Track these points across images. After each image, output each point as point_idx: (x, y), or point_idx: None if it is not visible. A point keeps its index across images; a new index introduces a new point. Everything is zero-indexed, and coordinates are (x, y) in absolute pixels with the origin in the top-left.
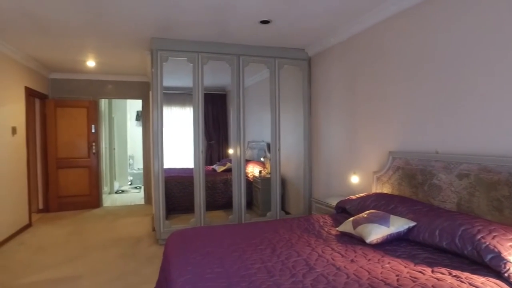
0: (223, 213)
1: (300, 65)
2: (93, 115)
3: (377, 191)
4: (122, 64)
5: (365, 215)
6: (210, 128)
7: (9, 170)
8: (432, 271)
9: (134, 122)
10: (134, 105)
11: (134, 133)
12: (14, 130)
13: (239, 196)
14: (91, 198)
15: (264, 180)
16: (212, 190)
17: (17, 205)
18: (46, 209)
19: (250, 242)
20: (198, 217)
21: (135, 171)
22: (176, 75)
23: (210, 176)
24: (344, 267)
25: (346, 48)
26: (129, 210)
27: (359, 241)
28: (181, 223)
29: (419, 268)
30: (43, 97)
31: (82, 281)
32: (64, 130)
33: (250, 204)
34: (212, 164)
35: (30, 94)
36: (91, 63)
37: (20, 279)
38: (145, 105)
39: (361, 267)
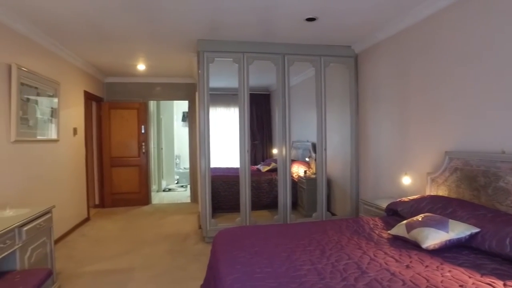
0: (268, 213)
1: (347, 63)
2: (143, 116)
3: (432, 194)
4: (169, 66)
5: (420, 219)
6: (254, 128)
7: (72, 168)
8: (504, 285)
9: (181, 123)
10: (180, 106)
11: (180, 133)
12: (75, 131)
13: (284, 196)
14: (140, 196)
15: (309, 180)
16: (257, 189)
17: (78, 200)
18: (102, 204)
19: (298, 243)
20: (244, 216)
21: (181, 170)
22: (221, 76)
23: (255, 176)
24: (399, 272)
25: (395, 43)
26: (176, 208)
27: (414, 246)
28: (226, 222)
29: (487, 279)
30: (99, 100)
31: (135, 273)
32: (117, 130)
33: (295, 205)
34: (256, 164)
35: (88, 97)
36: (141, 66)
37: (83, 267)
38: (192, 106)
39: (418, 273)
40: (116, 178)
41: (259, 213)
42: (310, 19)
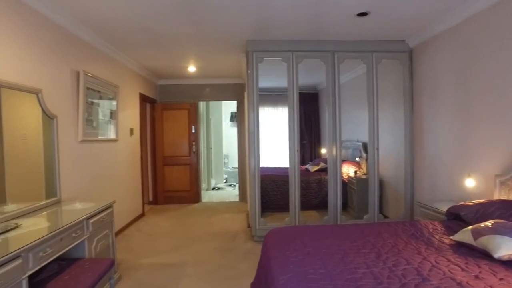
0: (316, 213)
1: (400, 58)
2: (193, 117)
3: (501, 198)
4: (219, 67)
5: (490, 225)
6: (302, 127)
7: (129, 167)
8: None
9: (229, 123)
10: (229, 106)
11: (228, 133)
12: (131, 131)
13: (334, 196)
14: (191, 194)
15: (359, 181)
16: (306, 189)
17: (134, 197)
18: (155, 201)
19: (351, 245)
20: (293, 216)
21: (229, 170)
22: (268, 76)
23: (304, 175)
24: (467, 283)
25: (456, 35)
26: (225, 207)
27: (482, 254)
28: (275, 221)
29: None
30: (152, 102)
31: (187, 269)
32: (169, 130)
33: (344, 206)
34: (304, 164)
35: (143, 99)
36: (192, 68)
37: (140, 260)
38: (240, 106)
39: (490, 286)
40: (168, 176)
41: (307, 213)
42: (361, 14)
